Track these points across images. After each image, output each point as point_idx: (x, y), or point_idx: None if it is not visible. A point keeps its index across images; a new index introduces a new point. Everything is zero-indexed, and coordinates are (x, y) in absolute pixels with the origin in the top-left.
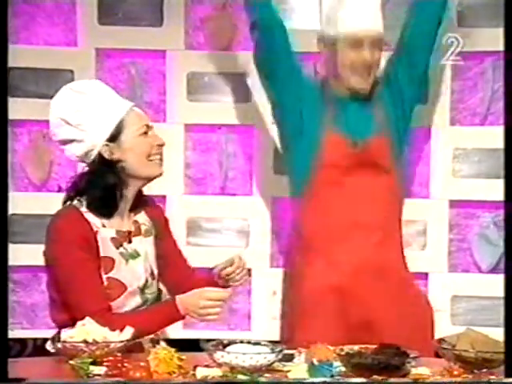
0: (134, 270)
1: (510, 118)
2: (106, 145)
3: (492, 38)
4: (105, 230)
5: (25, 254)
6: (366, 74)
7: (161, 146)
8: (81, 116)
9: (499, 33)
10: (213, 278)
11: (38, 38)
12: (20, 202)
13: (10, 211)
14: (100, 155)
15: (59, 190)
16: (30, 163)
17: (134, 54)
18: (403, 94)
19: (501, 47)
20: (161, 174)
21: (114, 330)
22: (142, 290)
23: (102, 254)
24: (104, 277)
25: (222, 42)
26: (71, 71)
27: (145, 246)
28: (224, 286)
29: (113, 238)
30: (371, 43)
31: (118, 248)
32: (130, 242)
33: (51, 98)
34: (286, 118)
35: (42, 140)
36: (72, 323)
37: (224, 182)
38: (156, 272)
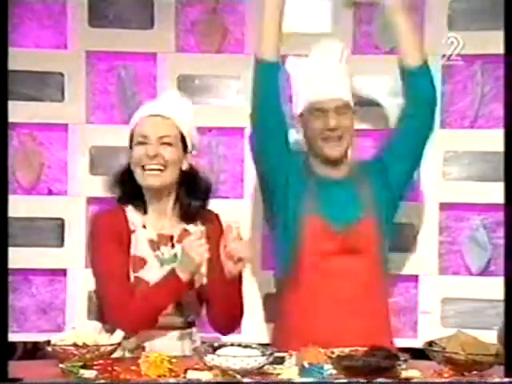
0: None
1: (509, 122)
2: (129, 149)
3: (481, 42)
4: (144, 230)
5: (14, 258)
6: (336, 141)
7: (151, 157)
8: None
9: (489, 36)
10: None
11: (28, 41)
12: (9, 206)
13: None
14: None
15: (49, 192)
16: (20, 166)
17: (125, 56)
18: (392, 180)
19: (490, 50)
20: (158, 186)
21: (133, 316)
22: None
23: (133, 253)
24: (133, 275)
25: (212, 45)
26: (61, 74)
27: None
28: (234, 270)
29: (150, 240)
30: (335, 111)
31: (154, 250)
32: (172, 246)
33: (41, 100)
34: (273, 194)
35: (32, 143)
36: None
37: (215, 185)
38: (199, 283)
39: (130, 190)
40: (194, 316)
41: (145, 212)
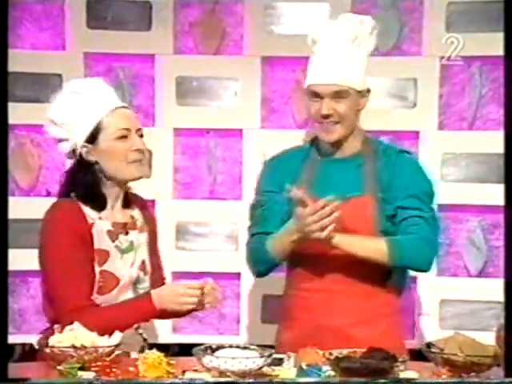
0: (127, 263)
1: (509, 124)
2: (85, 146)
3: (480, 43)
4: (101, 222)
5: (13, 259)
6: (331, 126)
7: (139, 150)
8: (67, 116)
9: (487, 38)
10: None
11: (26, 42)
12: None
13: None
14: (81, 155)
15: (48, 194)
16: (18, 168)
17: (123, 58)
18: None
19: (488, 52)
20: (141, 177)
21: (90, 322)
22: (135, 284)
23: (96, 247)
24: (98, 269)
25: (210, 47)
26: (59, 75)
27: (139, 240)
28: (194, 309)
29: (109, 231)
30: (331, 97)
31: (113, 241)
32: (126, 233)
33: (39, 102)
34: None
35: (30, 144)
36: (58, 319)
37: (213, 187)
38: (149, 268)
39: (88, 187)
40: None
41: (103, 207)
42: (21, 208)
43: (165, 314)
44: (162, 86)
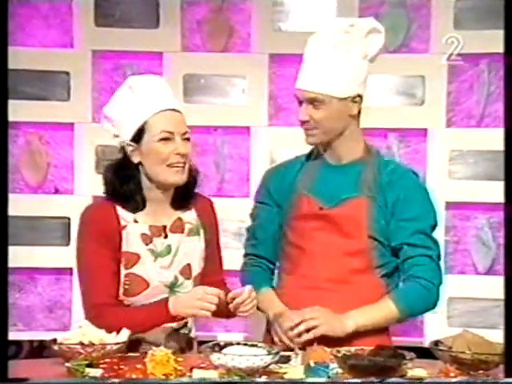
0: (162, 266)
1: (509, 121)
2: (130, 144)
3: (488, 41)
4: (135, 225)
5: (21, 256)
6: (309, 131)
7: (181, 154)
8: (117, 112)
9: (495, 35)
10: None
11: (34, 40)
12: (16, 204)
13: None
14: (125, 153)
15: (56, 191)
16: (26, 165)
17: (131, 55)
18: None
19: (497, 49)
20: (179, 183)
21: (107, 321)
22: (171, 287)
23: (125, 249)
24: (124, 272)
25: (218, 44)
26: (67, 73)
27: (184, 244)
28: (232, 314)
29: (143, 234)
30: (308, 102)
31: (147, 244)
32: (165, 236)
33: (47, 99)
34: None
35: (38, 142)
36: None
37: (220, 184)
38: (196, 272)
39: (128, 188)
40: None
41: (142, 209)
42: (28, 205)
43: (178, 319)
44: (169, 84)
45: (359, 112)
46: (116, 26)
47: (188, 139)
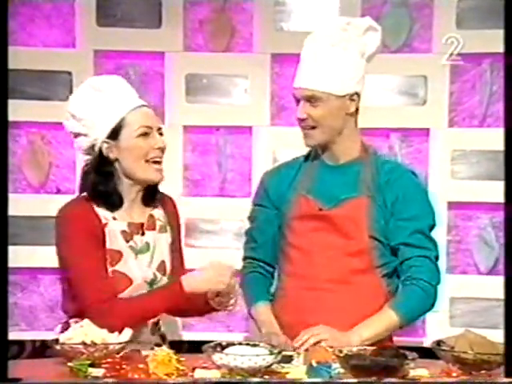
0: (142, 264)
1: (509, 121)
2: (106, 142)
3: (490, 40)
4: (115, 222)
5: (23, 256)
6: (307, 130)
7: (161, 149)
8: (87, 111)
9: (497, 35)
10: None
11: (36, 40)
12: (18, 204)
13: (8, 213)
14: (100, 151)
15: (58, 191)
16: (28, 165)
17: (133, 55)
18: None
19: (499, 49)
20: (160, 181)
21: (119, 313)
22: (151, 284)
23: (108, 247)
24: (110, 269)
25: (220, 44)
26: (69, 73)
27: (158, 241)
28: (214, 309)
29: (123, 231)
30: (306, 100)
31: (127, 241)
32: (142, 234)
33: (49, 99)
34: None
35: (41, 142)
36: (81, 314)
37: (222, 184)
38: (169, 268)
39: (106, 186)
40: None
41: (118, 206)
42: (30, 205)
43: (188, 309)
44: (171, 84)
45: (357, 110)
46: (118, 26)
47: (162, 134)
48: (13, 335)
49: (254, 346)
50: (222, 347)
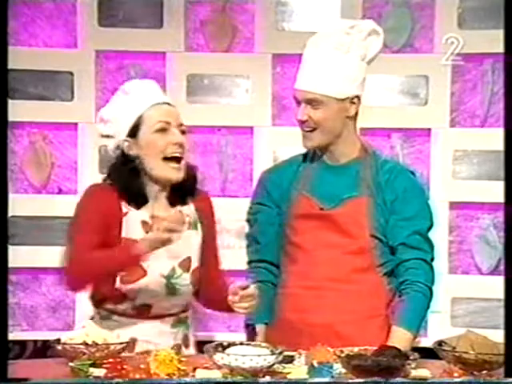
0: (161, 257)
1: (510, 121)
2: (126, 140)
3: (491, 40)
4: (137, 212)
5: (24, 256)
6: (308, 132)
7: (179, 144)
8: (113, 113)
9: (499, 35)
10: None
11: (38, 40)
12: (20, 204)
13: (10, 213)
14: (122, 151)
15: (59, 191)
16: (30, 165)
17: (134, 55)
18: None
19: (500, 49)
20: (176, 181)
21: (78, 266)
22: (168, 279)
23: (124, 235)
24: None
25: (221, 44)
26: (71, 73)
27: (183, 236)
28: (231, 308)
29: (144, 222)
30: (307, 102)
31: (147, 232)
32: None
33: (51, 99)
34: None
35: (42, 142)
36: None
37: (224, 184)
38: (194, 266)
39: (128, 184)
40: (188, 298)
41: (143, 204)
42: (32, 205)
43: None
44: (173, 84)
45: (356, 113)
46: (120, 26)
47: (184, 132)
48: (14, 335)
49: (256, 346)
50: (223, 347)
